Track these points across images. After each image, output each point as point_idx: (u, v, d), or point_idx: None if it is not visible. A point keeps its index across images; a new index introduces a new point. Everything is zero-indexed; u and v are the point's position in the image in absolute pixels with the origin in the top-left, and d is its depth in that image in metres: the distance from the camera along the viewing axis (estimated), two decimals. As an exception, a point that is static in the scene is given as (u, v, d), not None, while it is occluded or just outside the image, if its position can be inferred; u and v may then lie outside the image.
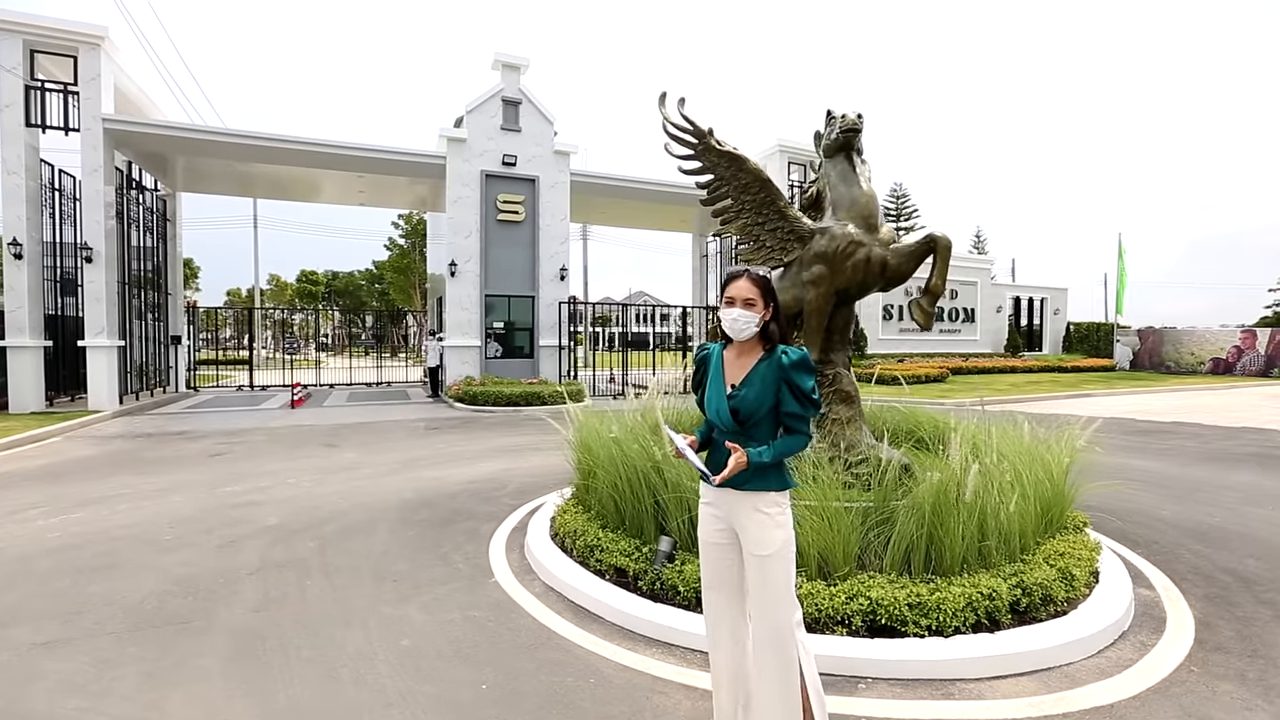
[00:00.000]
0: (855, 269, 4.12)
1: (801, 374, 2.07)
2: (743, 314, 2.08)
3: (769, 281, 2.12)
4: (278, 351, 30.95)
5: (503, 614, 3.36)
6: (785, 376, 2.07)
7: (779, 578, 2.06)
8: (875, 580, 3.08)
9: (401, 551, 4.35)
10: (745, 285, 2.09)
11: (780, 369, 2.08)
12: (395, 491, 6.07)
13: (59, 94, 11.52)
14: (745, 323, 2.09)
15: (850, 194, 4.24)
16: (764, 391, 2.07)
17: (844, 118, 4.23)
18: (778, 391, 2.08)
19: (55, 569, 3.98)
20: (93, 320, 11.70)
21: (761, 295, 2.09)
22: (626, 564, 3.52)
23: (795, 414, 2.08)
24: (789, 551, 2.08)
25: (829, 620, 2.97)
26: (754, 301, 2.08)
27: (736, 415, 2.11)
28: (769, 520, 2.06)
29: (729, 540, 2.17)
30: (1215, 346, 25.07)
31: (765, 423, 2.11)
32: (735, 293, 2.10)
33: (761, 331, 2.13)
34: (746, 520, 2.09)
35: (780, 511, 2.08)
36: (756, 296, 2.08)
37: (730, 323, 2.11)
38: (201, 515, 5.22)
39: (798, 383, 2.06)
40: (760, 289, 2.09)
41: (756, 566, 2.07)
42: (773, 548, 2.05)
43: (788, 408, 2.08)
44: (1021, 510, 3.46)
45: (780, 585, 2.06)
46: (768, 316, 2.11)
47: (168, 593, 3.61)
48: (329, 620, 3.26)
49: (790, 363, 2.07)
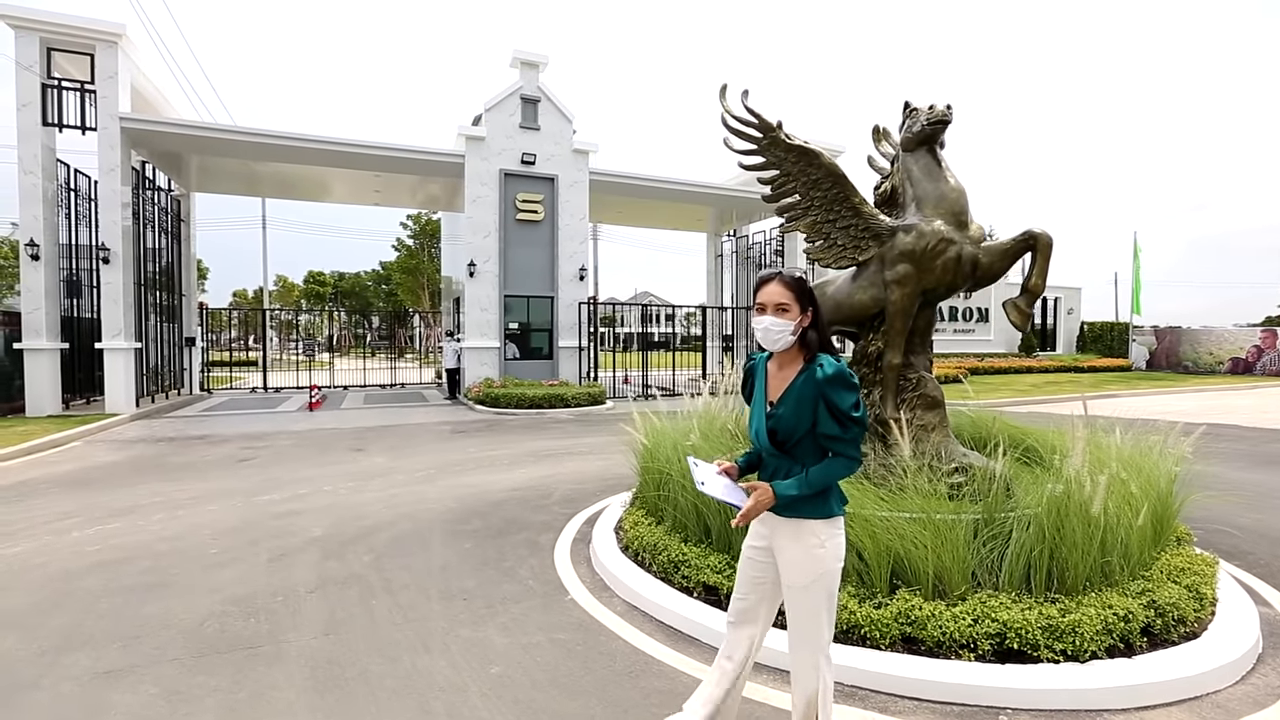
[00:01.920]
0: (945, 268, 3.90)
1: (839, 390, 1.84)
2: (775, 322, 1.89)
3: (805, 283, 1.92)
4: (284, 353, 30.78)
5: (590, 636, 3.15)
6: (821, 393, 1.85)
7: (808, 612, 1.91)
8: (998, 600, 2.87)
9: (463, 566, 4.13)
10: (777, 289, 1.90)
11: (816, 385, 1.86)
12: (437, 499, 5.86)
13: (76, 92, 11.31)
14: (779, 332, 1.89)
15: (938, 189, 4.02)
16: (801, 410, 1.88)
17: (931, 109, 4.01)
18: (815, 410, 1.87)
19: (103, 587, 3.76)
20: (110, 322, 11.49)
21: (797, 299, 1.89)
22: (719, 581, 3.30)
23: (834, 436, 1.86)
24: (826, 585, 1.90)
25: (953, 644, 2.75)
26: (787, 307, 1.89)
27: (774, 437, 1.93)
28: (807, 551, 1.89)
29: (766, 559, 2.02)
30: (1234, 346, 24.81)
31: (808, 443, 1.92)
32: (766, 298, 1.91)
33: (801, 339, 1.93)
34: (785, 545, 1.93)
35: (820, 544, 1.88)
36: (790, 301, 1.89)
37: (762, 333, 1.93)
38: (243, 526, 5.01)
39: (835, 400, 1.84)
40: (795, 293, 1.90)
41: (789, 596, 1.94)
42: (805, 579, 1.89)
43: (825, 429, 1.86)
44: (1128, 522, 3.24)
45: (807, 620, 1.91)
46: (806, 323, 1.91)
47: (226, 614, 3.40)
48: (406, 645, 3.05)
49: (825, 377, 1.85)
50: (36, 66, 10.89)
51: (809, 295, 1.92)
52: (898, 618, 2.83)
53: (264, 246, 28.30)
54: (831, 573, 1.89)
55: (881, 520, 3.10)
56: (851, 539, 3.10)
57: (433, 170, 15.12)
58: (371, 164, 14.52)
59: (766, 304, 1.91)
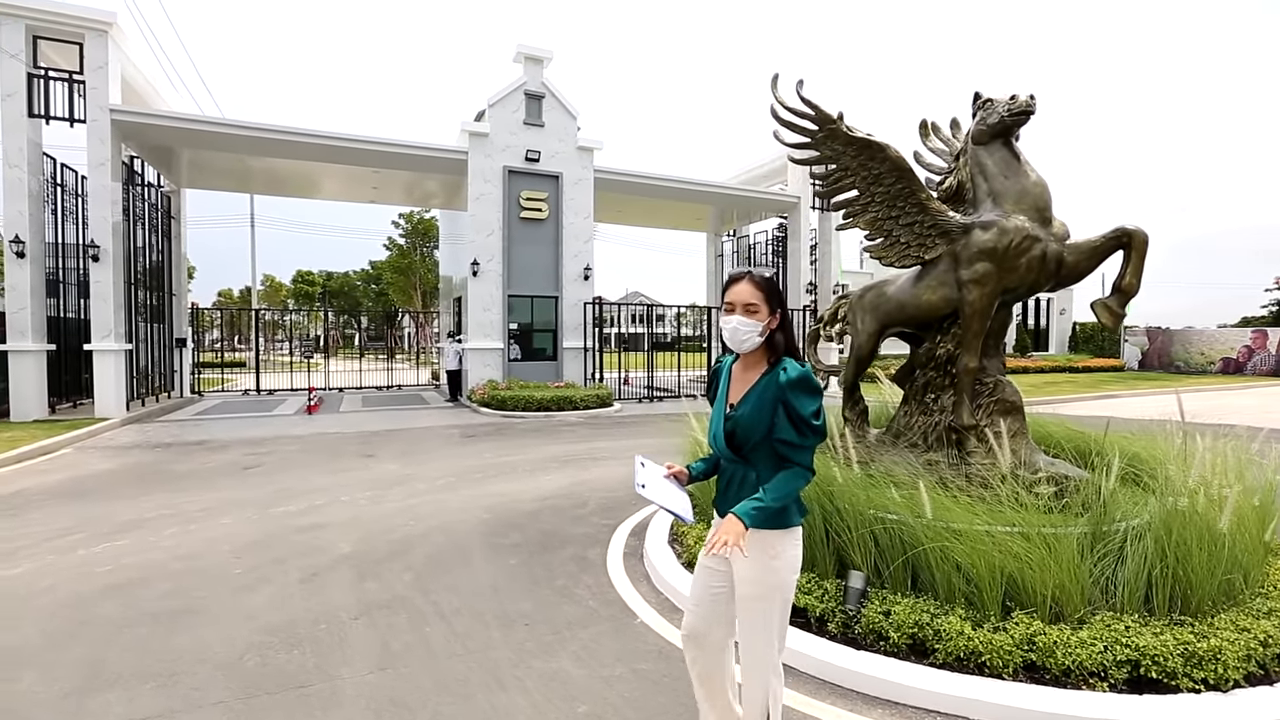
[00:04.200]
0: (1029, 267, 3.69)
1: (801, 394, 1.79)
2: (744, 322, 1.85)
3: (774, 284, 1.90)
4: (272, 354, 30.07)
5: (675, 667, 2.88)
6: (783, 396, 1.80)
7: (759, 625, 1.86)
8: (1123, 624, 2.65)
9: (513, 586, 3.84)
10: (746, 289, 1.86)
11: (778, 387, 1.81)
12: (465, 510, 5.55)
13: (64, 83, 10.80)
14: (747, 332, 1.86)
15: (1019, 184, 3.81)
16: (760, 412, 1.83)
17: (1013, 99, 3.79)
18: (774, 413, 1.82)
19: (123, 614, 3.43)
20: (100, 322, 10.98)
21: (766, 300, 1.86)
22: (808, 603, 3.05)
23: (789, 442, 1.80)
24: (780, 598, 1.86)
25: (1083, 672, 2.53)
26: (756, 308, 1.85)
27: (731, 439, 1.89)
28: (762, 562, 1.83)
29: (724, 567, 1.95)
30: (1225, 346, 25.13)
31: (764, 450, 1.87)
32: (735, 298, 1.87)
33: (768, 342, 1.89)
34: (739, 556, 1.82)
35: (775, 555, 1.84)
36: (759, 302, 1.86)
37: (730, 333, 1.89)
38: (264, 541, 4.67)
39: (795, 405, 1.78)
40: (764, 293, 1.87)
41: (741, 607, 1.90)
42: (758, 591, 1.85)
43: (781, 434, 1.80)
44: (1251, 536, 3.06)
45: (758, 633, 1.86)
46: (774, 325, 1.88)
47: (266, 645, 3.09)
48: (476, 680, 2.76)
49: (788, 380, 1.80)
50: (22, 54, 10.36)
51: (778, 297, 1.89)
52: (1021, 644, 2.60)
53: (252, 244, 27.65)
54: (785, 585, 1.86)
55: (988, 536, 2.88)
56: (956, 557, 2.88)
57: (434, 167, 14.73)
58: (371, 160, 14.10)
59: (735, 303, 1.87)
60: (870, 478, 3.50)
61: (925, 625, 2.74)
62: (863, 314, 4.74)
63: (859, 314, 4.78)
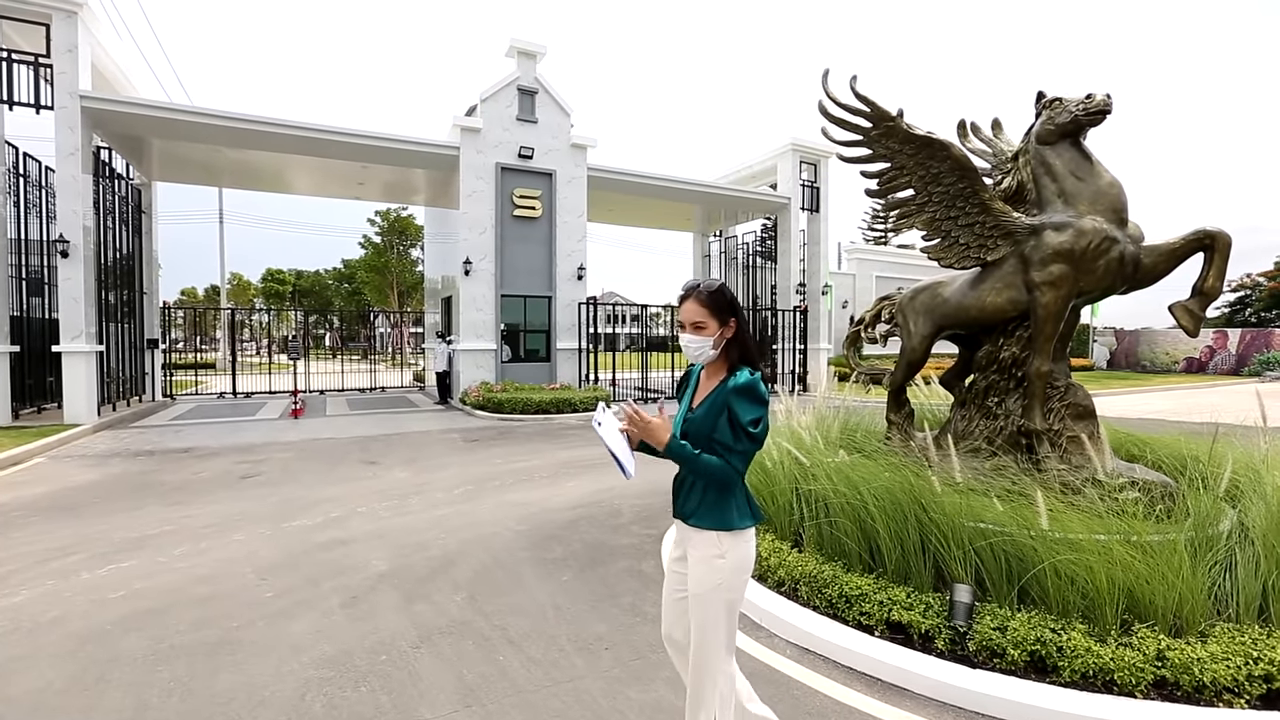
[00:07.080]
0: (1107, 269, 3.62)
1: (744, 400, 1.83)
2: (693, 339, 1.92)
3: (721, 297, 1.91)
4: (242, 355, 28.86)
5: (782, 691, 2.71)
6: (727, 400, 1.86)
7: (706, 623, 1.87)
8: (1248, 635, 2.58)
9: (575, 605, 3.61)
10: (692, 307, 1.91)
11: (725, 393, 1.87)
12: (497, 521, 5.28)
13: (29, 66, 10.06)
14: (698, 348, 1.92)
15: (1094, 185, 3.74)
16: (710, 416, 1.89)
17: (1089, 98, 3.72)
18: (719, 417, 1.87)
19: (151, 650, 3.08)
20: (70, 322, 10.27)
21: (713, 314, 1.90)
22: (913, 619, 2.91)
23: (725, 445, 1.85)
24: (724, 597, 1.86)
25: (1218, 689, 2.44)
26: (702, 324, 1.90)
27: (685, 439, 1.92)
28: (706, 560, 1.88)
29: (684, 570, 1.99)
30: (1189, 346, 26.18)
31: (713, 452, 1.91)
32: (683, 316, 1.93)
33: (725, 351, 1.95)
34: (690, 554, 1.94)
35: (720, 554, 1.87)
36: (705, 318, 1.90)
37: (685, 349, 1.96)
38: (288, 560, 4.34)
39: (737, 410, 1.83)
40: (709, 309, 1.90)
41: (690, 605, 1.92)
42: (702, 589, 1.88)
43: (720, 435, 1.85)
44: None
45: (705, 632, 1.87)
46: (728, 335, 1.93)
47: (326, 680, 2.80)
48: (575, 716, 2.53)
49: (735, 386, 1.86)
50: (-18, 34, 9.63)
51: (728, 307, 1.91)
52: (1153, 659, 2.50)
53: (220, 240, 26.53)
54: (729, 585, 1.86)
55: (1100, 546, 2.78)
56: (1067, 571, 2.77)
57: (423, 162, 14.27)
58: (358, 154, 13.56)
59: (684, 322, 1.92)
60: (952, 485, 3.38)
61: (1048, 641, 2.62)
62: (915, 316, 4.65)
63: (911, 317, 4.68)
